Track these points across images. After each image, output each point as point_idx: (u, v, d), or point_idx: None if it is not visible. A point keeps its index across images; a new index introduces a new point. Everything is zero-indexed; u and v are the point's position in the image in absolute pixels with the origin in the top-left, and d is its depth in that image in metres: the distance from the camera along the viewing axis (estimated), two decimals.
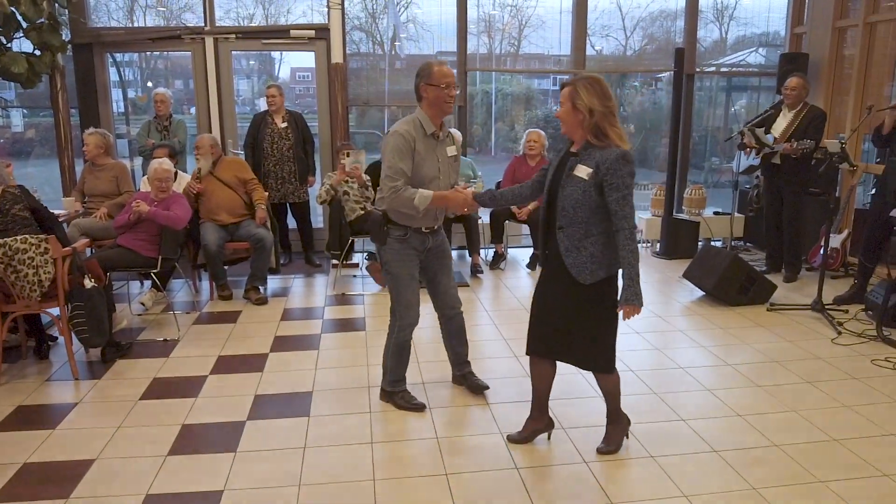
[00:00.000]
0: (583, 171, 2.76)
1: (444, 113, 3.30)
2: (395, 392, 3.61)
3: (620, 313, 2.82)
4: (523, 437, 3.22)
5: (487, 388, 3.74)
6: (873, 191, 5.52)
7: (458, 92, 3.37)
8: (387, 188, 3.22)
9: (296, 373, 4.06)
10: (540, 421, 3.23)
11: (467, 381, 3.78)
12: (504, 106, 8.56)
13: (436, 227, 3.46)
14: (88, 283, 4.01)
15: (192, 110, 7.69)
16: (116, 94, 7.15)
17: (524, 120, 8.35)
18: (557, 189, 2.85)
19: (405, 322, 3.45)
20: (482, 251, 6.48)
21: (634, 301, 2.76)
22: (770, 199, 6.03)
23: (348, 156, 5.60)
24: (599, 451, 3.12)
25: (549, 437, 3.26)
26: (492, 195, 3.34)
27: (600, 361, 2.99)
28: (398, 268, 3.38)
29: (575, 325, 2.91)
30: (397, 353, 3.55)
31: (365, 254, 6.58)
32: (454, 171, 3.46)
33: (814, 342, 4.51)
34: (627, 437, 3.20)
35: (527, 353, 3.11)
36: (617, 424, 3.17)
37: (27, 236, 3.81)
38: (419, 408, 3.55)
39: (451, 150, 3.42)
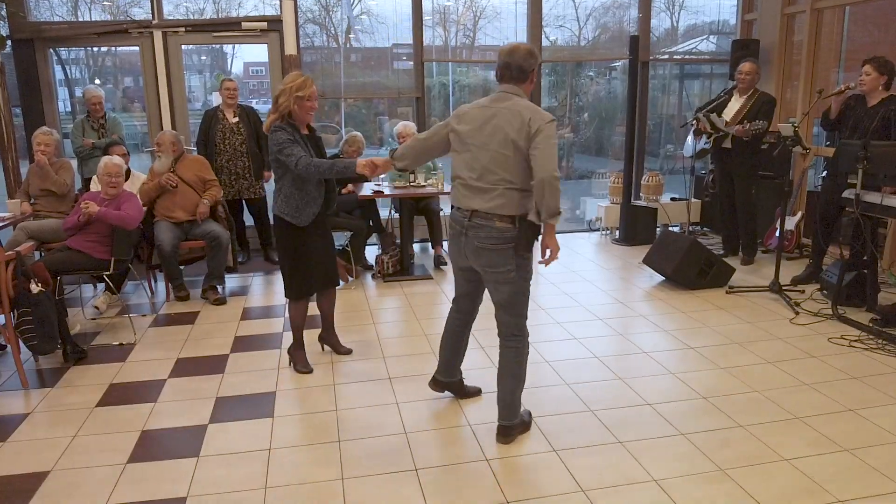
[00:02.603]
0: None
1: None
2: (523, 420, 3.25)
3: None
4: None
5: (479, 392, 3.61)
6: (824, 173, 5.65)
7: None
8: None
9: (258, 373, 3.97)
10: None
11: (461, 388, 3.56)
12: (461, 97, 8.51)
13: None
14: (35, 287, 3.84)
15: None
16: (63, 92, 6.91)
17: None
18: None
19: (527, 336, 3.13)
20: (444, 243, 6.44)
21: None
22: (723, 184, 6.13)
23: None
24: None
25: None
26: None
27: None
28: (528, 278, 3.02)
29: None
30: (524, 374, 3.13)
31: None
32: None
33: (773, 323, 4.60)
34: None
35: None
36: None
37: None
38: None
39: None
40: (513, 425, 3.14)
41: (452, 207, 3.08)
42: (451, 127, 3.04)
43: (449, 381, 3.52)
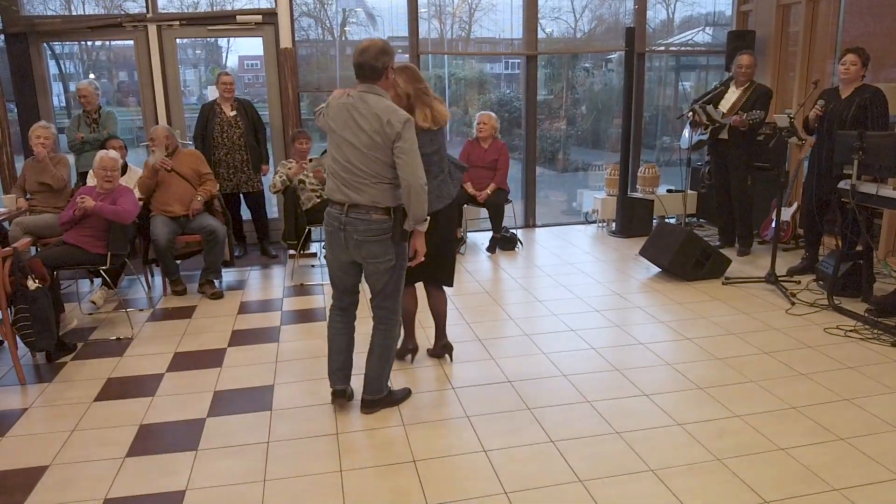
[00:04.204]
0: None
1: None
2: (387, 393, 3.42)
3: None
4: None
5: None
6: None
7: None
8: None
9: (256, 367, 3.97)
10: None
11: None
12: (458, 90, 8.51)
13: None
14: (32, 284, 3.84)
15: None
16: (57, 87, 6.88)
17: (478, 104, 8.32)
18: None
19: (400, 317, 3.39)
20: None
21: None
22: (718, 175, 6.13)
23: (311, 161, 5.66)
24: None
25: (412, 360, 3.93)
26: None
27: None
28: (405, 262, 3.22)
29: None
30: (393, 352, 3.39)
31: (322, 242, 6.49)
32: None
33: (769, 313, 4.61)
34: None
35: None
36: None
37: None
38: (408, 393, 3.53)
39: None
40: (376, 399, 3.35)
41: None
42: (326, 121, 3.11)
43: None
